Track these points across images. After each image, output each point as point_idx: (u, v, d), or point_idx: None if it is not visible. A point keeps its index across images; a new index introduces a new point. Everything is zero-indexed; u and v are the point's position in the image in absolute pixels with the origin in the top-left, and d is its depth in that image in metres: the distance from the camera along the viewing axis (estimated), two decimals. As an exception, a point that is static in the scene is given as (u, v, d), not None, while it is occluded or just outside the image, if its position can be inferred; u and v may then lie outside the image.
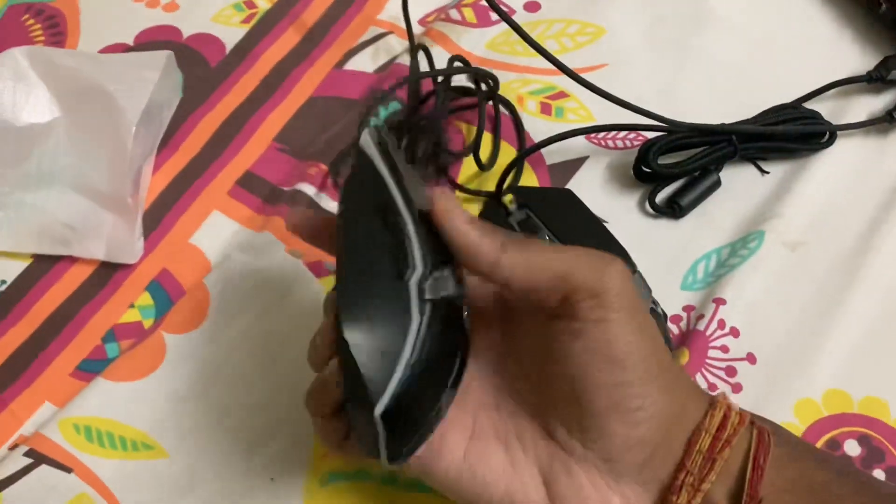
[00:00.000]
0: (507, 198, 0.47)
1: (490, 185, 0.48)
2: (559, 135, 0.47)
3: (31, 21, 0.59)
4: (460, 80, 0.52)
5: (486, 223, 0.31)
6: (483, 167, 0.49)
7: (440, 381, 0.31)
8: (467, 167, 0.50)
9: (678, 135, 0.48)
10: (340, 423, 0.33)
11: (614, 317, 0.30)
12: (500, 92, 0.52)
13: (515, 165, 0.47)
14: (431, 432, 0.31)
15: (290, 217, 0.35)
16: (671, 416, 0.31)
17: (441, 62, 0.52)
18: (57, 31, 0.58)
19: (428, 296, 0.30)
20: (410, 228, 0.31)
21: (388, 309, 0.30)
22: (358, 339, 0.29)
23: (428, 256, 0.31)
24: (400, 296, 0.30)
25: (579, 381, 0.31)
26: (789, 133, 0.49)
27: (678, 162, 0.48)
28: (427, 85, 0.52)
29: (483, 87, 0.51)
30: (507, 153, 0.51)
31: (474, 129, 0.50)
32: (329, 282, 0.47)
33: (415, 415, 0.30)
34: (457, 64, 0.51)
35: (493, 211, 0.46)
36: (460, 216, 0.31)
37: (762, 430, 0.32)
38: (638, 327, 0.31)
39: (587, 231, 0.44)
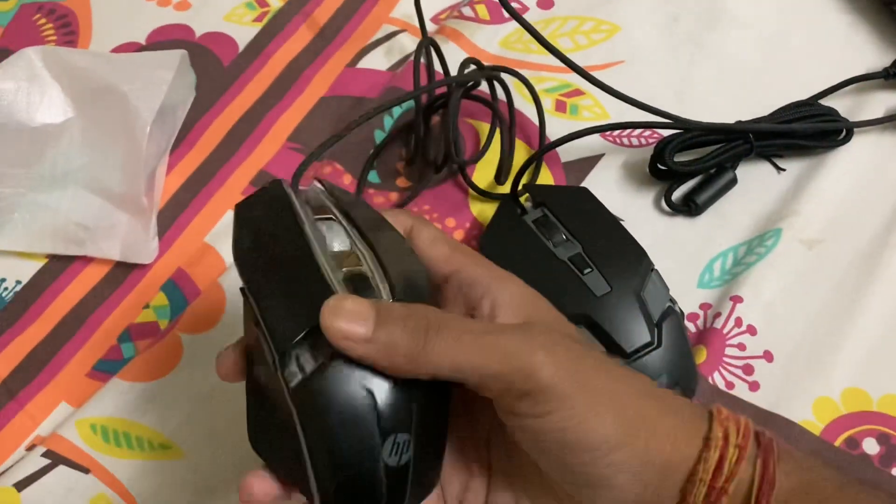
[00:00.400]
0: (523, 196, 0.47)
1: (507, 183, 0.48)
2: (575, 133, 0.46)
3: (43, 20, 0.59)
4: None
5: (392, 313, 0.28)
6: (501, 181, 0.49)
7: (368, 442, 0.28)
8: (483, 167, 0.50)
9: (694, 132, 0.48)
10: None
11: (555, 406, 0.27)
12: (515, 89, 0.51)
13: (531, 163, 0.47)
14: (406, 483, 0.29)
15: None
16: (657, 468, 0.28)
17: (455, 59, 0.52)
18: (69, 31, 0.58)
19: (292, 385, 0.27)
20: (259, 318, 0.29)
21: (280, 416, 0.28)
22: (270, 459, 0.29)
23: (282, 339, 0.28)
24: (280, 394, 0.28)
25: (542, 464, 0.29)
26: (806, 130, 0.48)
27: (694, 159, 0.48)
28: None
29: (498, 88, 0.50)
30: (522, 150, 0.51)
31: (487, 128, 0.50)
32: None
33: (364, 485, 0.28)
34: (472, 67, 0.51)
35: (508, 210, 0.46)
36: (356, 327, 0.27)
37: (768, 461, 0.28)
38: (590, 401, 0.28)
39: (604, 230, 0.44)
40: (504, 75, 0.50)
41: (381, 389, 0.28)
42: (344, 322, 0.27)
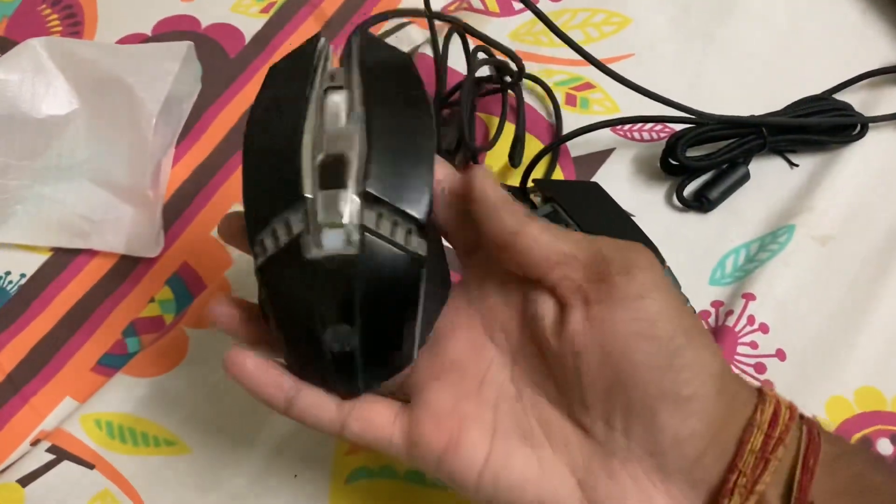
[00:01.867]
0: (533, 191, 0.47)
1: (516, 178, 0.47)
2: (585, 127, 0.46)
3: (48, 11, 0.58)
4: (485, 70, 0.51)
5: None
6: (515, 164, 0.49)
7: (308, 328, 0.30)
8: (493, 159, 0.50)
9: (706, 127, 0.47)
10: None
11: (654, 293, 0.28)
12: (525, 85, 0.51)
13: (542, 157, 0.46)
14: (352, 366, 0.30)
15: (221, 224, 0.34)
16: (723, 407, 0.29)
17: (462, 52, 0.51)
18: (74, 22, 0.57)
19: (256, 264, 0.30)
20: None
21: None
22: None
23: (253, 223, 0.29)
24: None
25: (624, 366, 0.28)
26: (820, 125, 0.48)
27: (706, 154, 0.47)
28: (454, 77, 0.51)
29: (508, 77, 0.50)
30: (532, 144, 0.50)
31: (497, 120, 0.50)
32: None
33: (311, 366, 0.31)
34: (480, 55, 0.50)
35: (518, 204, 0.45)
36: (492, 185, 0.30)
37: (812, 428, 0.29)
38: (679, 305, 0.29)
39: (615, 225, 0.44)
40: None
41: (322, 284, 0.29)
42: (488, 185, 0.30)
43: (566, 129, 0.46)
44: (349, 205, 0.29)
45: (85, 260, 0.48)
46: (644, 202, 0.48)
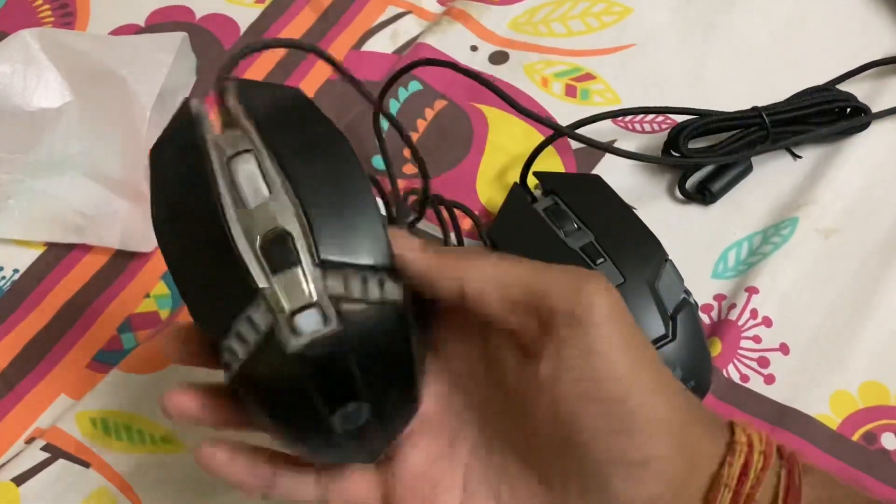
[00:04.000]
0: (533, 184, 0.46)
1: (516, 171, 0.47)
2: (586, 119, 0.45)
3: (40, 2, 0.57)
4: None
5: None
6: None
7: (313, 422, 0.28)
8: (490, 155, 0.49)
9: (709, 119, 0.46)
10: None
11: (602, 345, 0.26)
12: (524, 72, 0.50)
13: (541, 150, 0.46)
14: (369, 439, 0.29)
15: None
16: (685, 466, 0.27)
17: (462, 42, 0.50)
18: (66, 13, 0.57)
19: (230, 374, 0.27)
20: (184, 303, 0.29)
21: None
22: None
23: (212, 333, 0.27)
24: None
25: (572, 431, 0.27)
26: (829, 132, 0.47)
27: (708, 146, 0.47)
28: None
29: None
30: (532, 136, 0.50)
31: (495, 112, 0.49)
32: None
33: (322, 452, 0.29)
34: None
35: (518, 198, 0.45)
36: (411, 250, 0.28)
37: (793, 470, 0.27)
38: (636, 357, 0.26)
39: (617, 219, 0.43)
40: (516, 55, 0.49)
41: (316, 373, 0.26)
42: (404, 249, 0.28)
43: (567, 121, 0.46)
44: (311, 280, 0.27)
45: (79, 255, 0.48)
46: (646, 194, 0.47)
